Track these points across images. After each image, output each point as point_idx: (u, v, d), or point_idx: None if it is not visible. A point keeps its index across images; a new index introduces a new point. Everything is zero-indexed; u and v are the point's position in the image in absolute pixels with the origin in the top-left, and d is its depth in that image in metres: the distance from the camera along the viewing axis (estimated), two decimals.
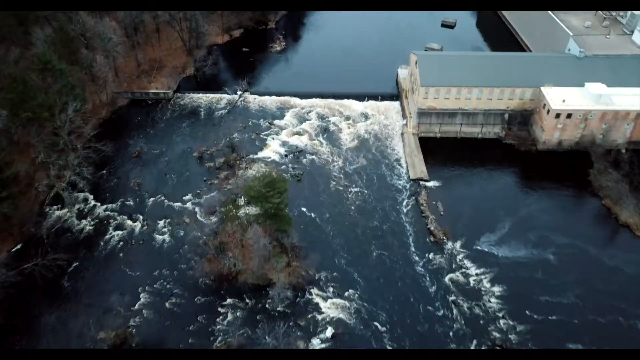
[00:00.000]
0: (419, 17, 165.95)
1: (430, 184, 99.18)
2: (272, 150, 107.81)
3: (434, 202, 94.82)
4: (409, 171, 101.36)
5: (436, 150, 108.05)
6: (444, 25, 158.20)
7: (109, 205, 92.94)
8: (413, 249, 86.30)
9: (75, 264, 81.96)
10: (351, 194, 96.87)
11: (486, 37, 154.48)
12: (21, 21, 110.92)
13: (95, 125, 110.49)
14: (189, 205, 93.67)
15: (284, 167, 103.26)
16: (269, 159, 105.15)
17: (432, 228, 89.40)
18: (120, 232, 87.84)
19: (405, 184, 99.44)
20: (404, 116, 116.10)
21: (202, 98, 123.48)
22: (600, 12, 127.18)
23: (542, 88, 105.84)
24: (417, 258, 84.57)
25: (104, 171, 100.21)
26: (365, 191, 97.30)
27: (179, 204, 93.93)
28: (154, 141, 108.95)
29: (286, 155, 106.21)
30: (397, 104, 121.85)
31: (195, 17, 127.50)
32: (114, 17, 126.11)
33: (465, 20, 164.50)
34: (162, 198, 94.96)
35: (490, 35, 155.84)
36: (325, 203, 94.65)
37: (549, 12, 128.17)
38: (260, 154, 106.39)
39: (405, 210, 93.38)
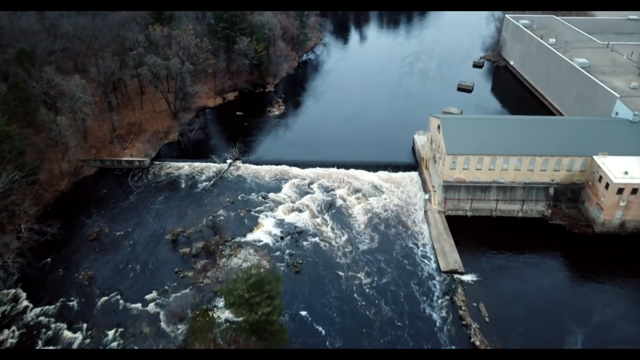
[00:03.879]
0: (432, 82, 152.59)
1: (467, 277, 77.07)
2: (265, 231, 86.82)
3: (474, 304, 72.14)
4: (439, 261, 79.43)
5: (468, 232, 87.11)
6: (460, 89, 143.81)
7: (45, 308, 70.08)
8: None
9: None
10: (364, 287, 74.43)
11: (506, 101, 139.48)
12: None
13: (48, 200, 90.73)
14: (151, 307, 70.81)
15: (278, 253, 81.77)
16: (260, 243, 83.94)
17: (477, 342, 66.01)
18: (51, 348, 64.22)
19: (434, 276, 77.20)
20: (425, 190, 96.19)
21: (185, 167, 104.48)
22: None
23: (595, 157, 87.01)
24: None
25: (48, 259, 78.46)
26: (383, 285, 74.88)
27: (138, 305, 71.11)
28: (119, 220, 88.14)
29: (282, 238, 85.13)
30: (415, 174, 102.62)
31: (182, 75, 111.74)
32: (88, 74, 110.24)
33: (481, 83, 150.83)
34: (118, 297, 72.30)
35: (510, 98, 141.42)
36: (330, 303, 71.84)
37: (588, 74, 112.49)
38: (250, 237, 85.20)
39: (437, 314, 70.31)
